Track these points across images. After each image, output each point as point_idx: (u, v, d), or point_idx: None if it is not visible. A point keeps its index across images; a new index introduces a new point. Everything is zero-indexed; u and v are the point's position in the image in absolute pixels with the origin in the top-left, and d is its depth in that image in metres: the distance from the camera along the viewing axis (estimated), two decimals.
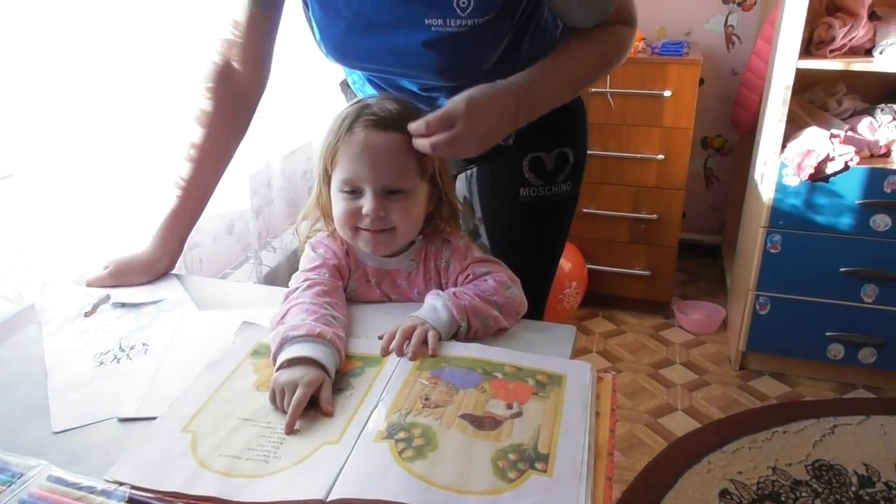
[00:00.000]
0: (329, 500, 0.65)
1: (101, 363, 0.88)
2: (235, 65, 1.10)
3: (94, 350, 0.91)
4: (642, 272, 2.62)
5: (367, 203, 0.94)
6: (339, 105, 1.49)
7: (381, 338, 0.90)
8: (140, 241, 1.12)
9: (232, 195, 1.46)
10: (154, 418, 0.77)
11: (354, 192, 0.95)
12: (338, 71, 1.24)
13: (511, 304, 0.96)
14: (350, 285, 1.03)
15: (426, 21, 0.96)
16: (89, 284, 1.06)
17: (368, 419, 0.76)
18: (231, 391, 0.81)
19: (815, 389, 2.26)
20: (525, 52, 1.06)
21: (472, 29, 0.97)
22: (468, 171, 1.27)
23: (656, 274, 2.62)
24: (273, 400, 0.78)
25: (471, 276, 0.99)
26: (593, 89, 2.42)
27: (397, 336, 0.88)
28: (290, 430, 0.74)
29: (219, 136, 1.12)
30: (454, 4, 0.95)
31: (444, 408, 0.78)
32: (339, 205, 0.97)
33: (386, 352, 0.88)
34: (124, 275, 1.07)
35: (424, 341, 0.88)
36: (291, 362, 0.81)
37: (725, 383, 2.29)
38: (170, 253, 1.11)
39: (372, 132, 0.94)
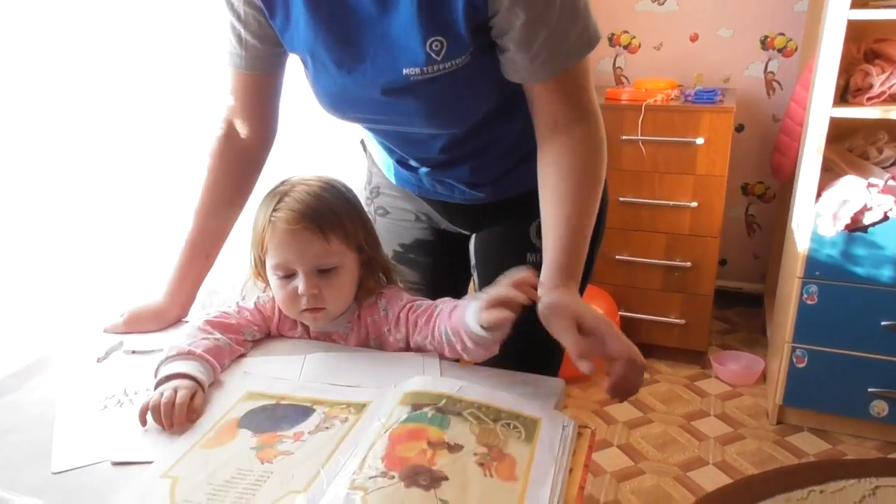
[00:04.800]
0: None
1: (105, 407, 0.93)
2: (238, 126, 1.13)
3: (101, 394, 0.96)
4: (677, 320, 2.58)
5: (300, 284, 1.00)
6: (353, 160, 1.53)
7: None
8: (157, 289, 1.17)
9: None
10: (150, 462, 0.81)
11: (288, 275, 1.02)
12: (350, 129, 1.29)
13: None
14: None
15: (404, 72, 0.96)
16: (105, 331, 1.11)
17: (341, 468, 0.78)
18: (215, 438, 0.85)
19: (858, 448, 2.16)
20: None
21: (454, 72, 0.96)
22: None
23: (691, 322, 2.58)
24: (155, 417, 0.87)
25: (415, 309, 1.04)
26: (624, 136, 2.44)
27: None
28: (169, 427, 0.86)
29: (223, 197, 1.16)
30: (427, 49, 0.94)
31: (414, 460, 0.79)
32: (277, 290, 1.04)
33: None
34: (137, 323, 1.12)
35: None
36: (168, 378, 0.91)
37: (761, 438, 2.22)
38: (180, 303, 1.16)
39: (293, 222, 0.98)
